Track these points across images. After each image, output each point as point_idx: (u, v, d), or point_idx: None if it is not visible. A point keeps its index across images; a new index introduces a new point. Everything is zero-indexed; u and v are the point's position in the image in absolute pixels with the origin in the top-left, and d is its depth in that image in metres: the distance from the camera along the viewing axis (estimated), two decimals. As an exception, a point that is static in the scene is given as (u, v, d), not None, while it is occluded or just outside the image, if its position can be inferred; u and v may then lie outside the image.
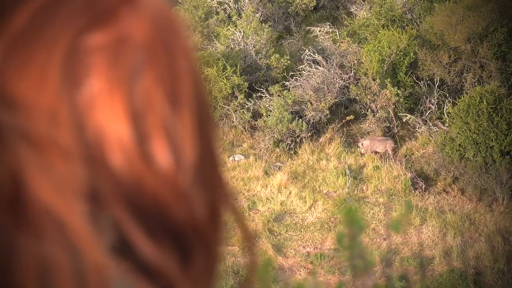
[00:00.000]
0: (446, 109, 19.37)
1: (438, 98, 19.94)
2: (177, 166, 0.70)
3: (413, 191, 18.17)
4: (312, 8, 24.63)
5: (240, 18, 22.30)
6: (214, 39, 22.09)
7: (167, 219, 0.70)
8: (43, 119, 0.63)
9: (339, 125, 20.23)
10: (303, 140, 19.83)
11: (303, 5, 24.23)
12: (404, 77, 20.21)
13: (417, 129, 19.94)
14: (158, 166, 0.69)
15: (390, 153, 19.20)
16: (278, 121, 19.40)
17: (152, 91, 0.68)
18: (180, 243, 0.72)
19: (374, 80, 19.97)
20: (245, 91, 20.45)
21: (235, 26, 22.04)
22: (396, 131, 20.07)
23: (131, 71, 0.67)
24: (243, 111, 20.33)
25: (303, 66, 21.11)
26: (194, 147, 0.72)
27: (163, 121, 0.69)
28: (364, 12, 23.27)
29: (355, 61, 20.88)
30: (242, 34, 21.57)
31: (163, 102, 0.69)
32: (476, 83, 19.61)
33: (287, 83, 20.74)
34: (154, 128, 0.68)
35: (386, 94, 19.61)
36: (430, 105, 19.97)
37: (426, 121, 19.87)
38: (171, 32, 0.72)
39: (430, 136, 19.66)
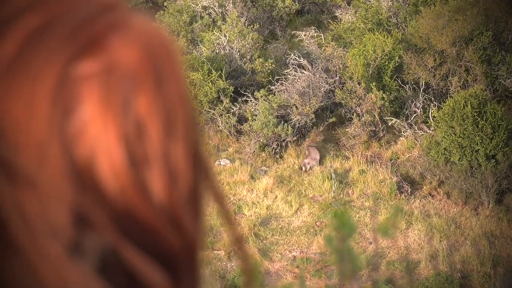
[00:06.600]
0: (431, 112, 19.39)
1: (423, 102, 19.97)
2: (173, 195, 0.69)
3: (398, 195, 18.18)
4: (295, 11, 24.63)
5: (225, 22, 22.26)
6: (199, 44, 22.05)
7: (160, 244, 0.70)
8: (32, 150, 0.62)
9: (324, 129, 20.24)
10: (289, 144, 19.81)
11: (286, 9, 24.23)
12: (389, 81, 20.24)
13: (402, 133, 19.97)
14: (153, 195, 0.68)
15: (315, 164, 19.18)
16: (264, 125, 19.37)
17: (146, 118, 0.68)
18: (170, 261, 0.72)
19: (359, 84, 19.98)
20: (231, 96, 20.41)
21: (220, 30, 22.00)
22: (381, 135, 20.09)
23: (123, 98, 0.67)
24: (228, 116, 20.28)
25: (289, 70, 21.09)
26: (190, 174, 0.71)
27: (159, 148, 0.68)
28: (349, 16, 23.30)
29: (340, 65, 20.89)
30: (227, 38, 21.53)
31: (158, 129, 0.68)
32: (461, 87, 19.65)
33: (272, 87, 20.72)
34: (150, 155, 0.68)
35: (371, 98, 19.62)
36: (416, 109, 20.00)
37: (411, 125, 19.90)
38: (163, 57, 0.71)
39: (416, 140, 19.69)
